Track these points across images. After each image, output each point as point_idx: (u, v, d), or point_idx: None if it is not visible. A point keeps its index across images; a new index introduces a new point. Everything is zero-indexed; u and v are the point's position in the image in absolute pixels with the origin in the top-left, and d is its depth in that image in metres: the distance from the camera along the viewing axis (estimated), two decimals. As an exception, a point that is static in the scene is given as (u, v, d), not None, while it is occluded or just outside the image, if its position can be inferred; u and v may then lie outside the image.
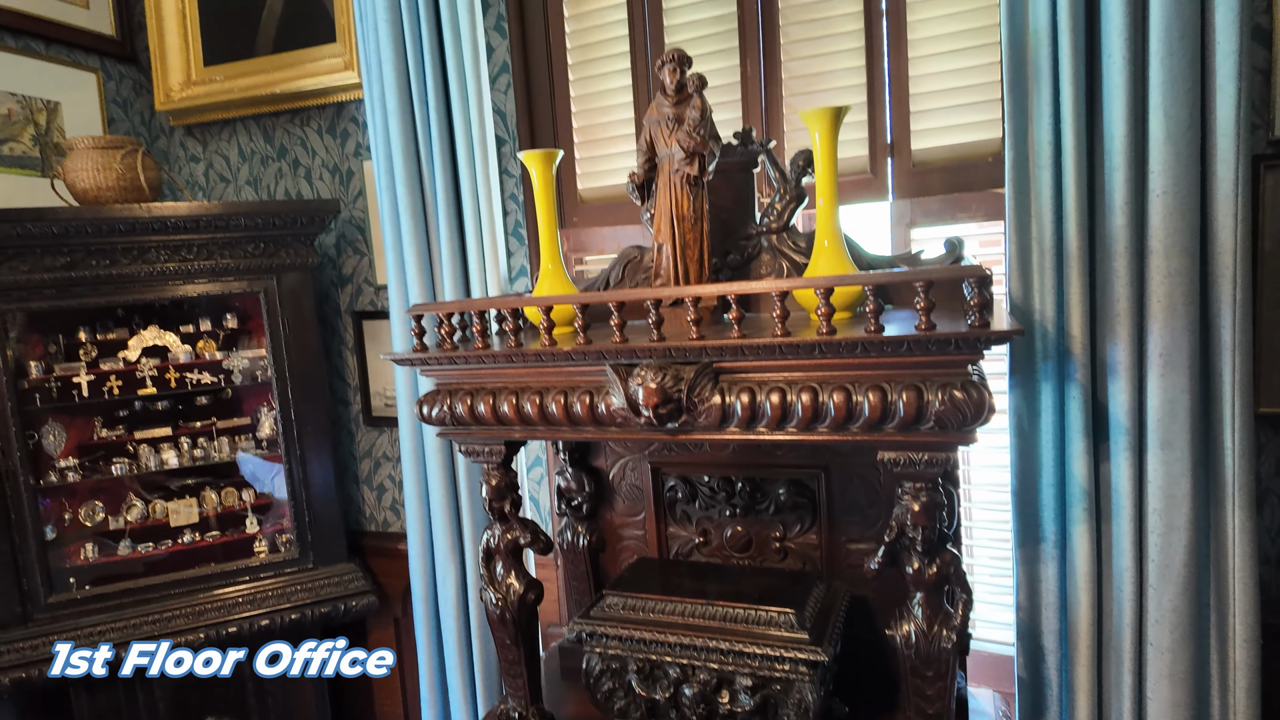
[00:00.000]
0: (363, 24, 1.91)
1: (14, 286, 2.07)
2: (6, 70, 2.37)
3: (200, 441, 2.45)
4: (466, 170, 1.84)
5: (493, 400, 1.36)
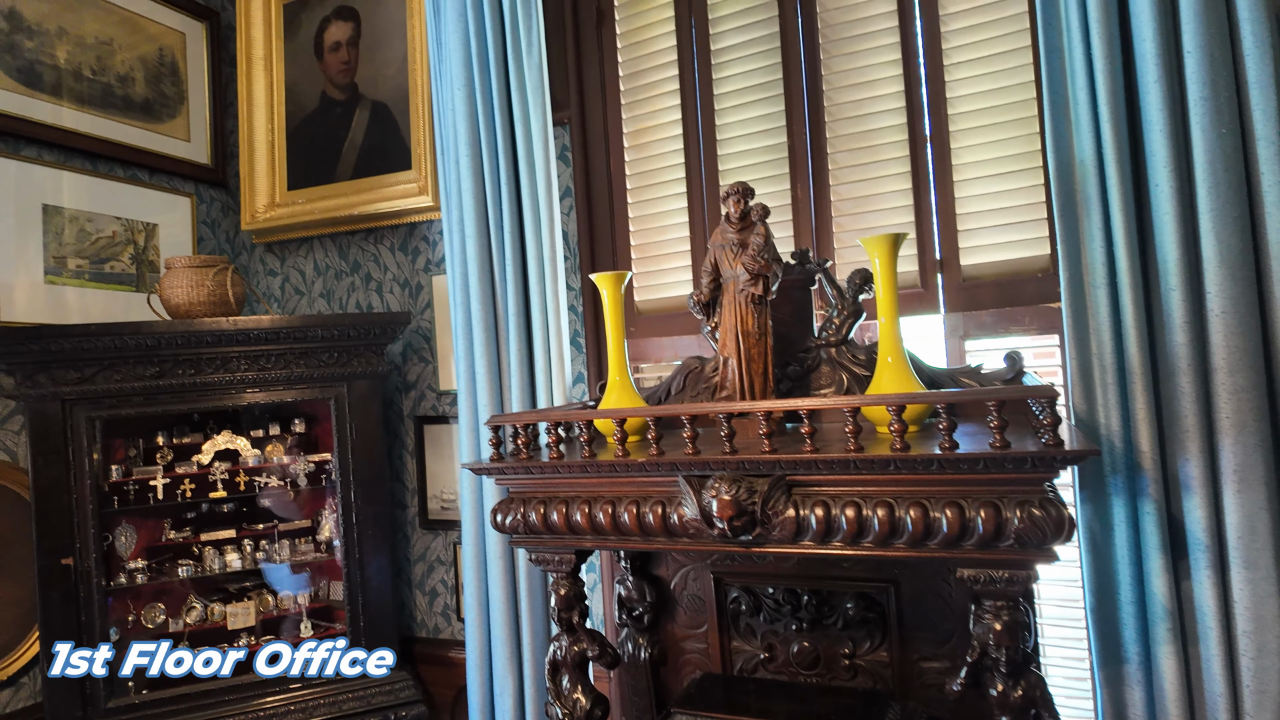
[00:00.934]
0: (444, 156, 2.09)
1: (106, 394, 2.20)
2: (115, 197, 2.61)
3: (262, 544, 2.50)
4: (536, 286, 1.96)
5: (565, 509, 1.40)
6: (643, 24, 2.29)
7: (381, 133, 2.70)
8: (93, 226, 2.54)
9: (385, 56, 2.70)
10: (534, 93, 1.96)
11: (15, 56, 2.35)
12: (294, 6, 2.89)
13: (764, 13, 2.13)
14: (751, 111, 2.15)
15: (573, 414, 1.42)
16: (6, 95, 2.31)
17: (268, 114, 2.89)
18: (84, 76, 2.53)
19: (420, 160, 2.59)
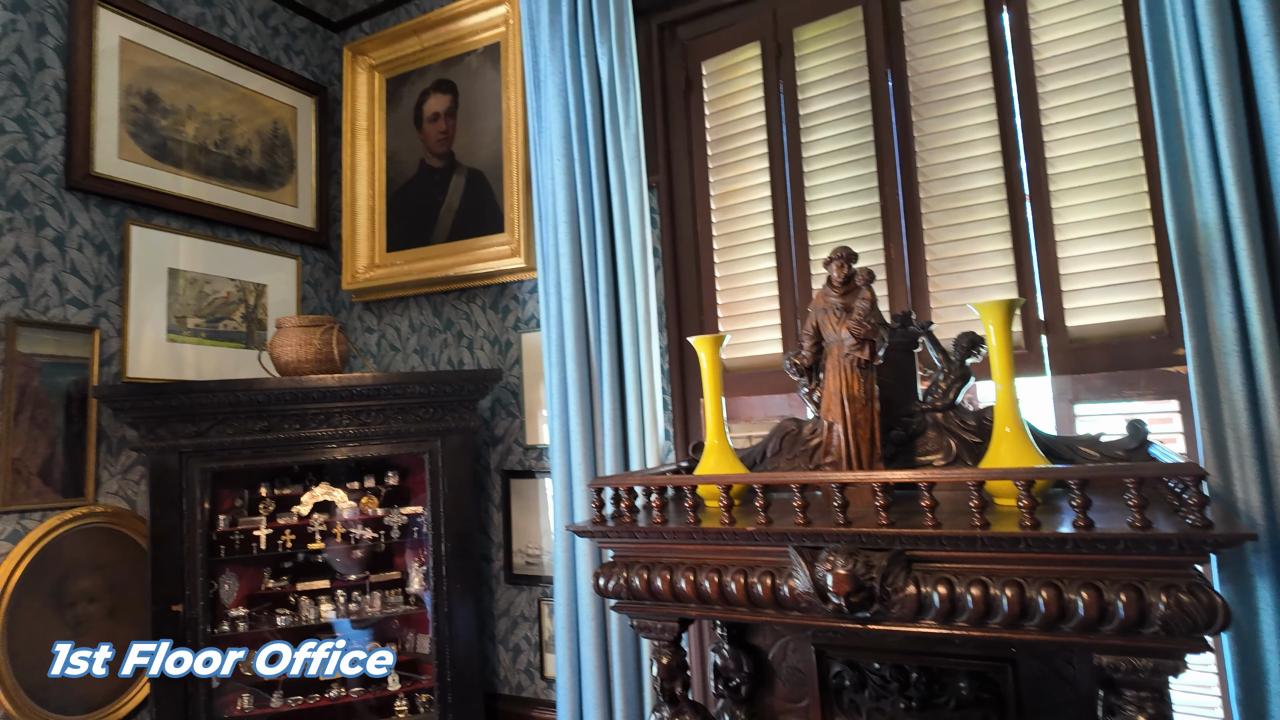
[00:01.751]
0: (542, 221, 2.17)
1: (218, 447, 2.32)
2: (230, 260, 2.79)
3: (354, 595, 2.56)
4: (630, 347, 1.99)
5: (670, 576, 1.39)
6: (731, 91, 2.35)
7: (476, 198, 2.83)
8: (210, 288, 2.72)
9: (481, 127, 2.84)
10: (630, 160, 2.03)
11: (151, 134, 2.56)
12: (396, 80, 3.08)
13: (854, 78, 2.15)
14: (842, 173, 2.16)
15: (678, 479, 1.42)
16: (142, 170, 2.52)
17: (369, 180, 3.07)
18: (208, 150, 2.75)
19: (513, 224, 2.69)
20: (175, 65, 2.65)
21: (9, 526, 2.11)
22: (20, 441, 2.15)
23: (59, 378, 2.26)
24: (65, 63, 2.35)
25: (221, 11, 2.84)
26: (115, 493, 2.38)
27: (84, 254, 2.36)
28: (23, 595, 2.11)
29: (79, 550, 2.25)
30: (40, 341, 2.22)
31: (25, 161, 2.24)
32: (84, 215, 2.37)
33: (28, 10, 2.27)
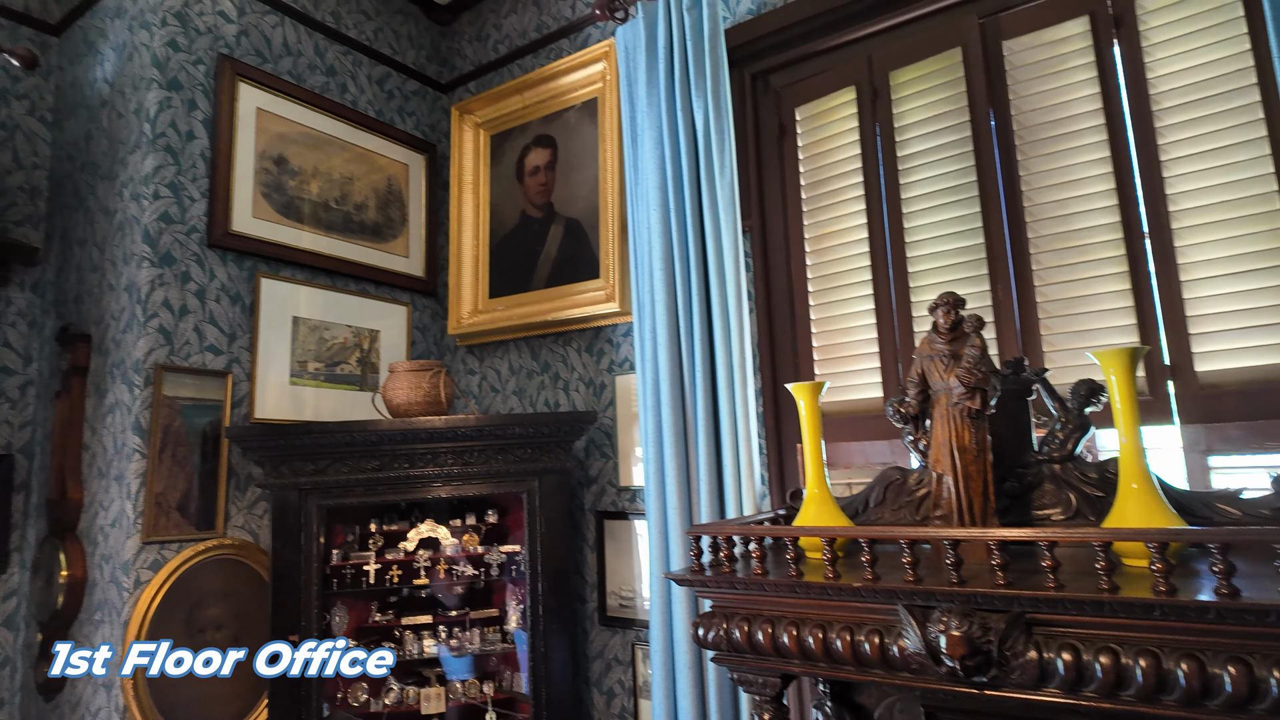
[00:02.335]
0: (638, 268, 2.22)
1: (334, 485, 2.45)
2: (347, 308, 2.99)
3: (455, 631, 2.63)
4: (725, 392, 2.00)
5: (771, 629, 1.37)
6: (824, 136, 2.36)
7: (573, 246, 2.93)
8: (329, 334, 2.91)
9: (578, 178, 2.95)
10: (725, 207, 2.06)
11: (280, 194, 2.80)
12: (499, 137, 3.25)
13: (954, 118, 2.12)
14: (943, 214, 2.12)
15: (779, 530, 1.41)
16: (272, 226, 2.75)
17: (474, 231, 3.23)
18: (329, 206, 2.96)
19: (608, 270, 2.76)
20: (302, 130, 2.89)
21: (151, 556, 2.30)
22: (163, 478, 2.35)
23: (197, 418, 2.46)
24: (210, 133, 2.60)
25: (343, 79, 3.08)
26: (241, 526, 2.56)
27: (221, 305, 2.58)
28: (161, 620, 2.28)
29: (209, 580, 2.42)
30: (182, 385, 2.43)
31: (175, 223, 2.48)
32: (221, 269, 2.59)
33: (181, 88, 2.54)
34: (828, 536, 1.33)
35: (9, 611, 2.65)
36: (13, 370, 2.75)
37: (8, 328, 2.76)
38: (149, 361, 2.36)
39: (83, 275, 2.63)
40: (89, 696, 2.29)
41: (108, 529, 2.34)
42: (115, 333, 2.44)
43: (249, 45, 2.74)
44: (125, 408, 2.35)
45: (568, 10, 3.06)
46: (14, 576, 2.67)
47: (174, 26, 2.52)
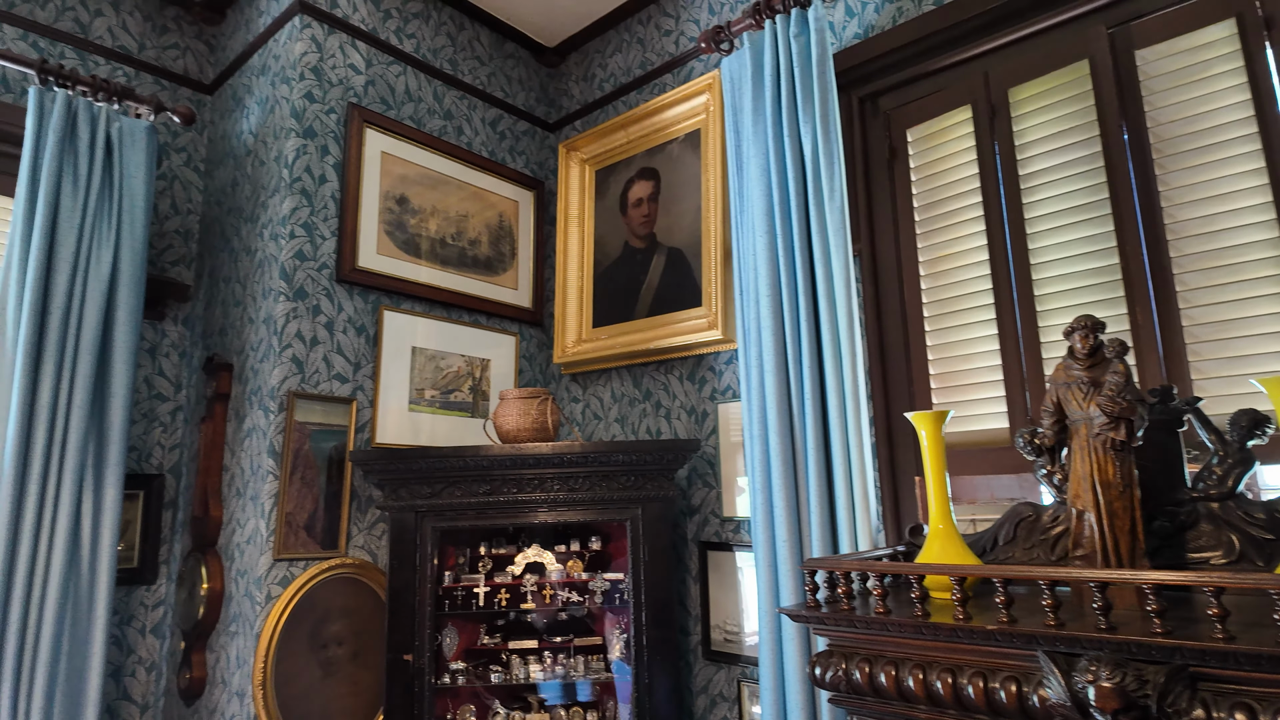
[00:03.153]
0: (743, 295, 2.21)
1: (448, 508, 2.54)
2: (460, 339, 3.11)
3: (560, 658, 2.64)
4: (837, 421, 1.94)
5: (895, 672, 1.30)
6: (938, 157, 2.28)
7: (675, 275, 2.95)
8: (445, 363, 3.04)
9: (681, 208, 2.98)
10: (835, 232, 2.02)
11: (402, 231, 2.96)
12: (604, 171, 3.33)
13: (1081, 134, 2.01)
14: (1071, 234, 2.00)
15: (903, 567, 1.34)
16: (395, 262, 2.91)
17: (579, 263, 3.31)
18: (445, 242, 3.11)
19: (710, 298, 2.76)
20: (422, 171, 3.06)
21: (281, 573, 2.44)
22: (293, 498, 2.50)
23: (323, 442, 2.61)
24: (340, 176, 2.80)
25: (459, 122, 3.25)
26: (361, 546, 2.68)
27: (347, 335, 2.74)
28: (289, 633, 2.40)
29: (332, 597, 2.54)
30: (311, 411, 2.59)
31: (308, 260, 2.67)
32: (348, 303, 2.76)
33: (315, 136, 2.75)
34: (958, 575, 1.25)
35: (157, 620, 2.87)
36: (165, 397, 3.02)
37: (162, 358, 3.03)
38: (283, 389, 2.53)
39: (226, 310, 2.86)
40: (224, 703, 2.44)
41: (243, 545, 2.50)
42: (254, 362, 2.64)
43: (375, 94, 2.94)
44: (261, 432, 2.53)
45: (671, 46, 3.12)
46: (161, 588, 2.89)
47: (310, 80, 2.74)
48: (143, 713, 2.79)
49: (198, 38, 3.29)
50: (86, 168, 2.45)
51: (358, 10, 2.93)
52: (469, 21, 3.36)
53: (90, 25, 2.97)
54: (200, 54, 3.29)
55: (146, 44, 3.12)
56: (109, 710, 2.72)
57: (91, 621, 2.29)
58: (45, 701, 2.15)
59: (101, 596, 2.30)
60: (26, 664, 2.16)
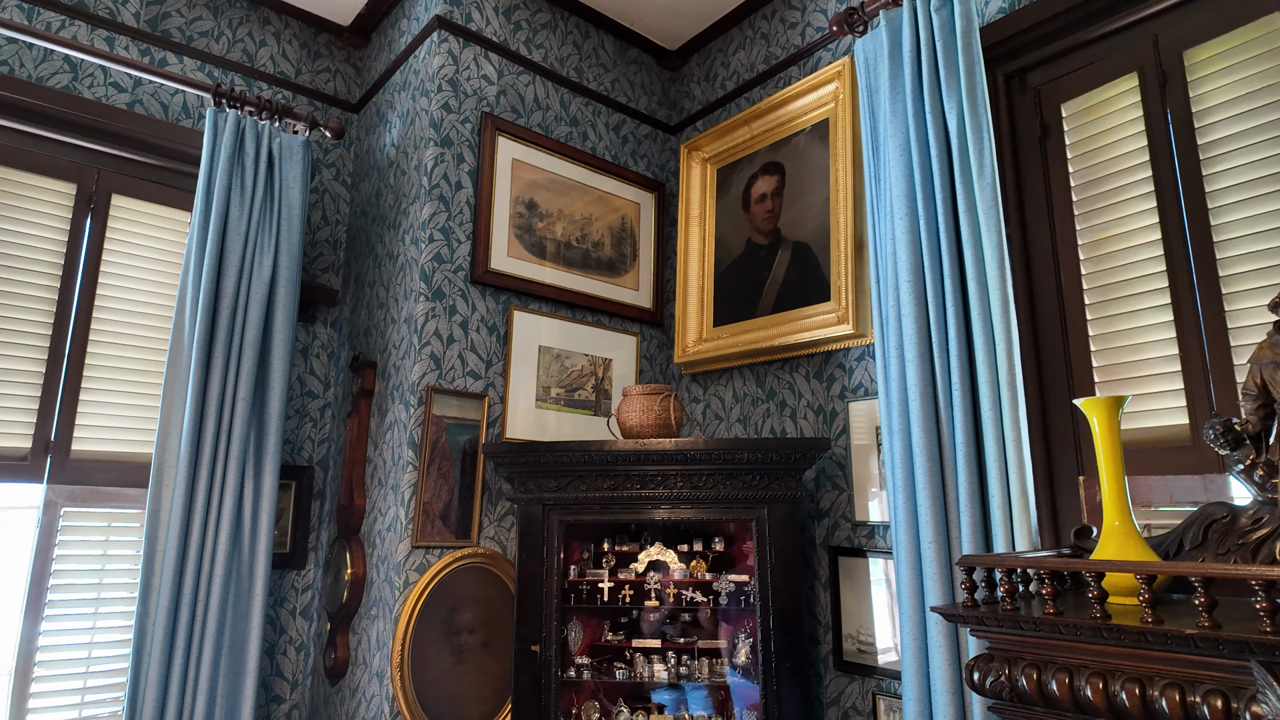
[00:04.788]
0: (880, 283, 2.10)
1: (573, 501, 2.56)
2: (584, 338, 3.16)
3: (684, 659, 2.60)
4: (990, 415, 1.80)
5: (1069, 680, 1.17)
6: (1098, 131, 2.10)
7: (801, 270, 2.86)
8: (569, 362, 3.09)
9: (807, 201, 2.90)
10: (986, 212, 1.89)
11: (530, 235, 3.04)
12: (725, 169, 3.30)
13: (1271, 95, 1.79)
14: (1262, 206, 1.78)
15: (1078, 563, 1.21)
16: (524, 264, 2.99)
17: (699, 262, 3.28)
18: (570, 245, 3.17)
19: (839, 291, 2.66)
20: (549, 176, 3.14)
21: (418, 559, 2.54)
22: (430, 488, 2.60)
23: (458, 436, 2.70)
24: (474, 183, 2.91)
25: (584, 129, 3.32)
26: (492, 537, 2.75)
27: (480, 334, 2.84)
28: (424, 619, 2.49)
29: (464, 585, 2.62)
30: (447, 406, 2.70)
31: (445, 263, 2.79)
32: (481, 303, 2.86)
33: (451, 145, 2.88)
34: (1147, 573, 1.12)
35: (306, 603, 3.06)
36: (315, 394, 3.23)
37: (313, 358, 3.25)
38: (422, 384, 2.65)
39: (371, 312, 3.04)
40: (365, 683, 2.55)
41: (384, 533, 2.63)
42: (395, 359, 2.78)
43: (506, 103, 3.05)
44: (402, 425, 2.65)
45: (796, 38, 3.06)
46: (310, 573, 3.08)
47: (447, 92, 2.88)
48: (293, 689, 2.98)
49: (346, 61, 3.54)
50: (252, 180, 2.68)
51: (490, 23, 3.05)
52: (594, 29, 3.43)
53: (255, 55, 3.25)
54: (348, 76, 3.53)
55: (303, 69, 3.39)
56: (263, 685, 2.92)
57: (251, 598, 2.46)
58: (212, 669, 2.33)
59: (260, 575, 2.47)
60: (196, 635, 2.35)
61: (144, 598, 2.30)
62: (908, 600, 1.86)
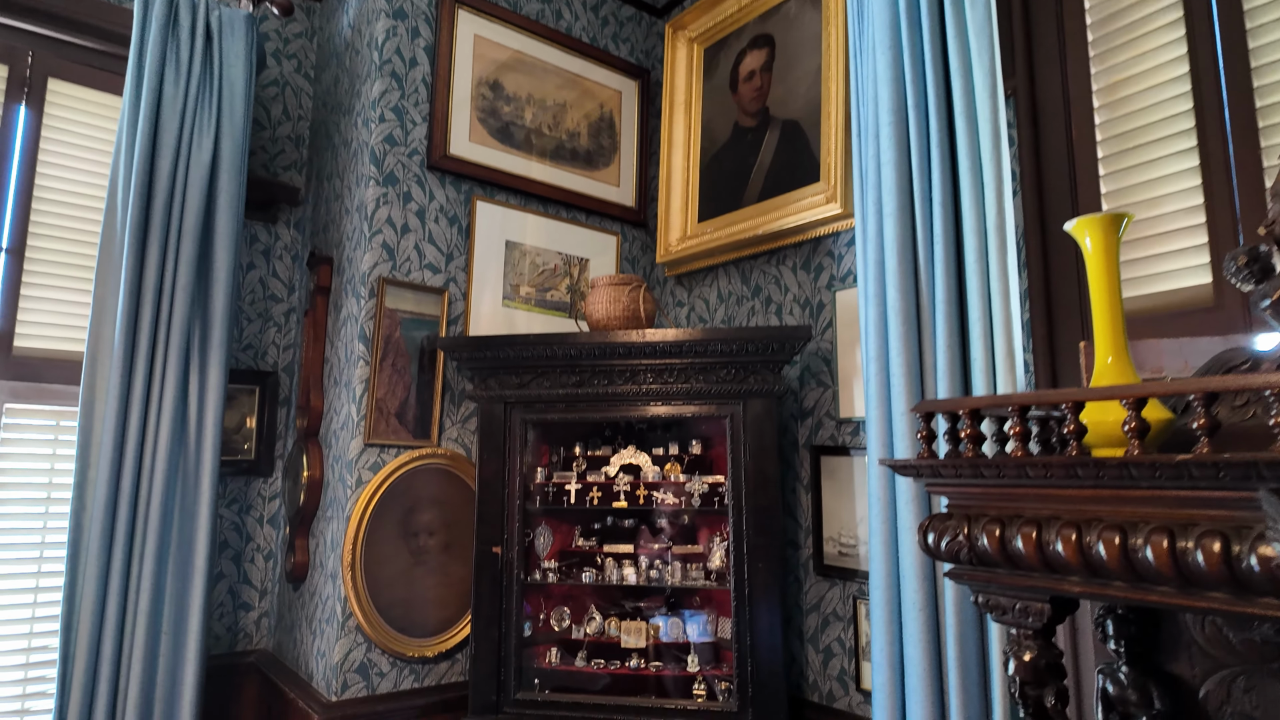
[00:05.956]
0: (861, 148, 1.84)
1: (537, 399, 2.39)
2: (558, 236, 2.94)
3: (656, 563, 2.45)
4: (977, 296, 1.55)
5: (1037, 534, 0.97)
6: (1120, -49, 1.79)
7: (790, 151, 2.61)
8: (540, 259, 2.88)
9: (797, 75, 2.62)
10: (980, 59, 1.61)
11: (495, 119, 2.81)
12: (713, 48, 3.01)
13: (1335, -125, 1.48)
14: (1314, 16, 1.49)
15: (1053, 394, 0.99)
16: (487, 151, 2.77)
17: (684, 153, 3.03)
18: (542, 133, 2.94)
19: (829, 169, 2.41)
20: (517, 57, 2.89)
21: (371, 458, 2.40)
22: (384, 384, 2.44)
23: (415, 331, 2.53)
24: (431, 59, 2.68)
25: (558, 5, 3.04)
26: (455, 439, 2.60)
27: (439, 225, 2.64)
28: (379, 518, 2.36)
29: (423, 486, 2.48)
30: (402, 299, 2.52)
31: (398, 145, 2.57)
32: (440, 191, 2.65)
33: (405, 17, 2.63)
34: (1134, 396, 0.90)
35: (274, 511, 2.96)
36: (279, 298, 3.08)
37: (275, 260, 3.09)
38: (373, 275, 2.47)
39: (329, 206, 2.85)
40: (321, 585, 2.45)
41: (338, 432, 2.49)
42: (349, 251, 2.60)
43: (467, -26, 2.78)
44: (354, 319, 2.48)
45: (786, -110, 2.73)
46: (277, 481, 2.98)
47: (400, -41, 2.62)
48: (261, 597, 2.90)
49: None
50: (188, 54, 2.47)
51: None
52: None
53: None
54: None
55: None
56: (231, 592, 2.84)
57: (198, 496, 2.35)
58: (156, 565, 2.23)
59: (206, 472, 2.35)
60: (139, 532, 2.24)
61: (79, 491, 2.19)
62: (876, 480, 1.65)
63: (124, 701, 2.17)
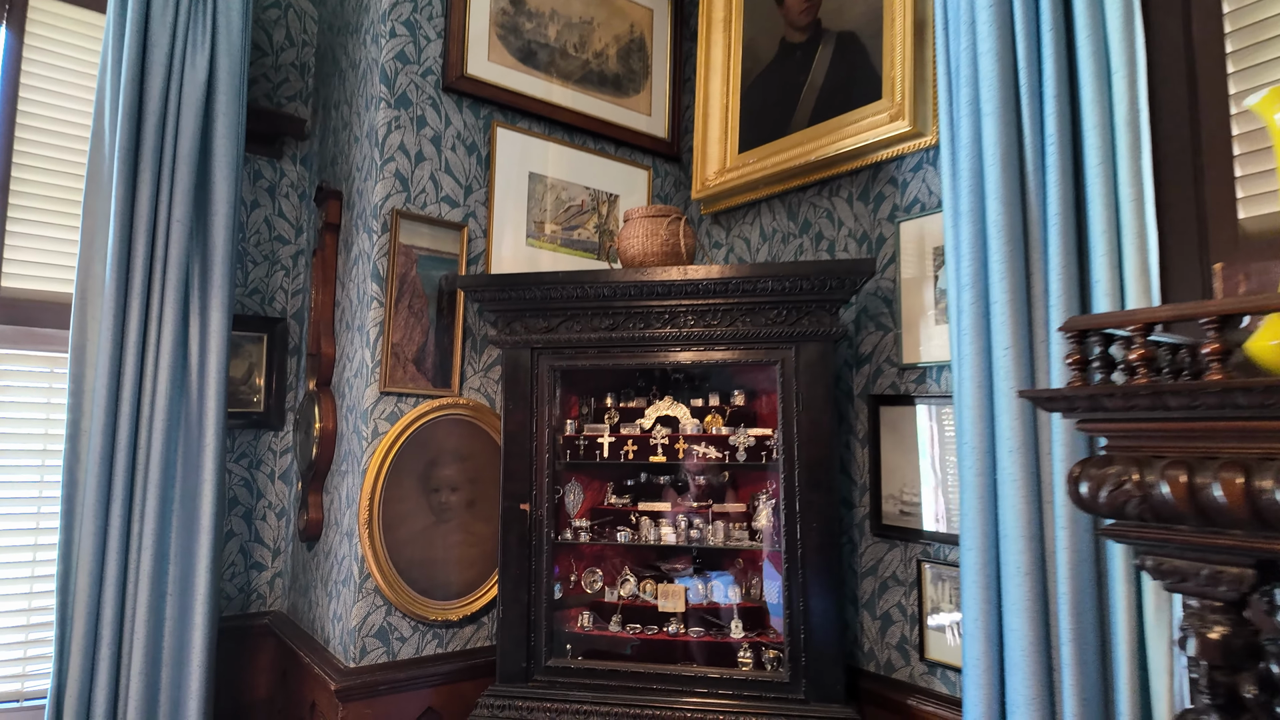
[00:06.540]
0: (951, 44, 1.58)
1: (566, 344, 2.17)
2: (585, 168, 2.70)
3: (695, 522, 2.25)
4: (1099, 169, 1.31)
5: (1245, 479, 0.75)
6: None
7: (845, 67, 2.33)
8: (566, 195, 2.65)
9: (854, -22, 2.33)
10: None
11: (517, 37, 2.55)
12: (755, -42, 2.72)
13: None
14: None
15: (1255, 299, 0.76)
16: (508, 73, 2.51)
17: (723, 76, 2.76)
18: (568, 54, 2.67)
19: (894, 84, 2.14)
20: (539, -32, 2.61)
21: (388, 408, 2.21)
22: (400, 328, 2.24)
23: (432, 270, 2.32)
24: (446, -32, 2.41)
25: (583, -87, 2.75)
26: (477, 389, 2.40)
27: (456, 154, 2.40)
28: (397, 473, 2.18)
29: (445, 439, 2.29)
30: (418, 234, 2.30)
31: (411, 64, 2.33)
32: (457, 116, 2.41)
33: (418, -80, 2.36)
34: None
35: (286, 466, 2.79)
36: (286, 239, 2.87)
37: (281, 199, 2.87)
38: (386, 207, 2.25)
39: (337, 136, 2.62)
40: (336, 544, 2.28)
41: (352, 380, 2.29)
42: (359, 183, 2.38)
43: (484, -127, 2.50)
44: (366, 256, 2.27)
45: None
46: (288, 435, 2.80)
47: None
48: (274, 557, 2.75)
49: None
50: (177, -39, 2.22)
51: None
52: None
53: None
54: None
55: None
56: (243, 551, 2.69)
57: (202, 448, 2.17)
58: (158, 522, 2.06)
59: (211, 422, 2.17)
60: (139, 485, 2.07)
61: (73, 443, 2.02)
62: (971, 425, 1.43)
63: (128, 665, 2.02)
